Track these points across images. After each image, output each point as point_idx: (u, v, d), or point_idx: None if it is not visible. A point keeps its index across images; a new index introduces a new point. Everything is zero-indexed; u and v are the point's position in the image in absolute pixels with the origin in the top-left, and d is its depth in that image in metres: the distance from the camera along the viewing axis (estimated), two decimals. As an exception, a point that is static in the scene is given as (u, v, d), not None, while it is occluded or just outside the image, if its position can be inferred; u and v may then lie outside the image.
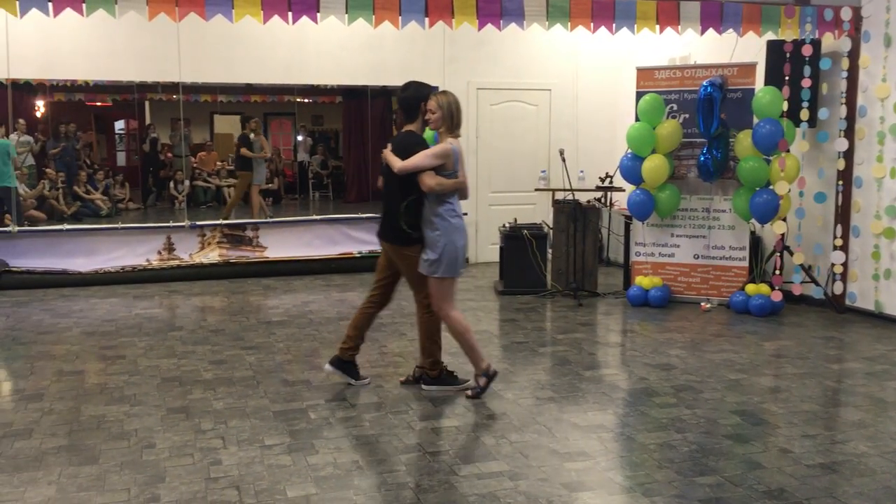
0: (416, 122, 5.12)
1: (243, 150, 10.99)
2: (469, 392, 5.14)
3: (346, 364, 5.35)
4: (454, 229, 5.01)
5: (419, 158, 4.91)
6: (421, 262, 5.05)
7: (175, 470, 4.00)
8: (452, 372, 5.36)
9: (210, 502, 3.64)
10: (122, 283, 9.05)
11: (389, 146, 5.10)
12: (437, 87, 5.33)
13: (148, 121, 12.14)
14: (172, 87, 9.82)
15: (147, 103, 11.87)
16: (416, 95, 5.10)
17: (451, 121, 5.03)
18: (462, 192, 5.14)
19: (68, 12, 6.22)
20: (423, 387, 5.27)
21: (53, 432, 4.51)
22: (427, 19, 6.78)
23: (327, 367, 5.37)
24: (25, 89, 9.89)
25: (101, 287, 8.87)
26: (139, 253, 9.46)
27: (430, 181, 4.91)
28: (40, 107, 10.89)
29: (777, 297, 7.48)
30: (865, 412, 4.93)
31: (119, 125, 12.92)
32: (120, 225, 9.71)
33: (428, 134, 5.30)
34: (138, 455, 4.18)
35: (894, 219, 7.16)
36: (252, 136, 11.02)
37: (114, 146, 13.03)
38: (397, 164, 4.95)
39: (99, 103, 11.90)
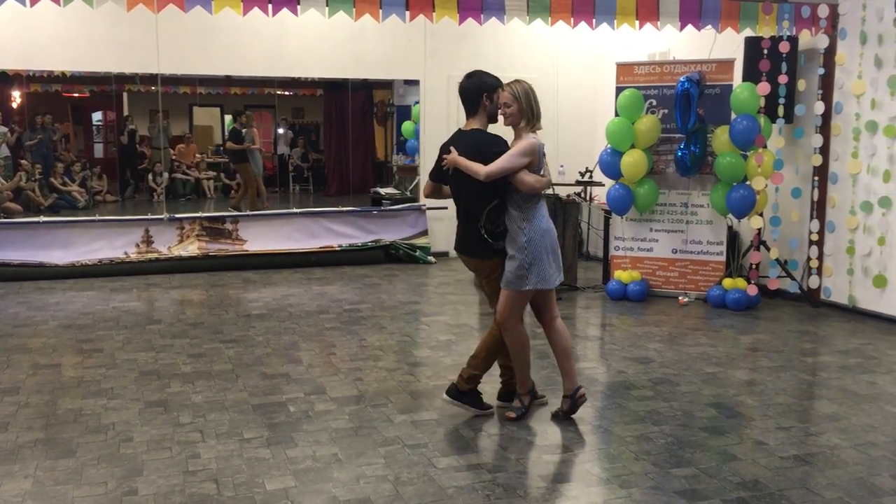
0: (479, 115, 4.58)
1: (228, 144, 11.21)
2: (511, 413, 4.70)
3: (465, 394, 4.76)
4: (545, 233, 4.49)
5: (506, 161, 4.35)
6: (506, 276, 4.48)
7: (153, 463, 3.99)
8: (480, 394, 4.82)
9: (188, 496, 3.64)
10: (99, 275, 8.97)
11: (452, 149, 4.52)
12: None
13: (126, 112, 12.04)
14: (151, 79, 9.75)
15: (125, 95, 11.77)
16: (478, 85, 4.53)
17: (532, 113, 4.48)
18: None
19: (45, 2, 6.16)
20: (445, 397, 4.76)
21: (30, 426, 4.48)
22: (408, 13, 6.78)
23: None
24: (1, 80, 9.78)
25: (79, 280, 8.80)
26: (117, 245, 9.38)
27: (529, 178, 4.36)
28: (16, 98, 10.78)
29: (752, 291, 7.56)
30: (839, 405, 5.01)
31: (97, 117, 12.81)
32: (97, 217, 9.62)
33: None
34: (116, 448, 4.17)
35: (869, 214, 7.25)
36: (244, 130, 11.17)
37: (91, 138, 12.92)
38: (482, 169, 4.34)
39: (76, 94, 11.80)
